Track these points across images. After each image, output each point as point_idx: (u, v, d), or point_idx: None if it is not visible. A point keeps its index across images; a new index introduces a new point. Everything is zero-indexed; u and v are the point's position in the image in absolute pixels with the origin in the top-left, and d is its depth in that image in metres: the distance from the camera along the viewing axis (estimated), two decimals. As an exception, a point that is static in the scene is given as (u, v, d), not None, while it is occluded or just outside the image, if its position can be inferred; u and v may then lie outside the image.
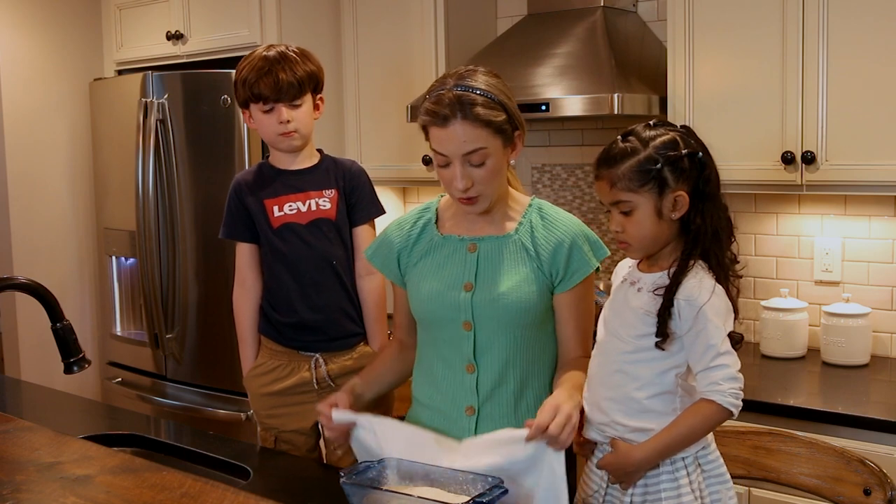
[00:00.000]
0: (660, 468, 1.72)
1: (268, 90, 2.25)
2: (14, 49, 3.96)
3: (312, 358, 2.34)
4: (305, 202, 2.33)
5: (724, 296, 1.69)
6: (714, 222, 1.69)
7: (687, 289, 1.66)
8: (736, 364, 1.67)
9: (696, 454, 1.72)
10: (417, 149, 3.42)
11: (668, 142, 1.68)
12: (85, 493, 1.54)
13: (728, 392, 1.66)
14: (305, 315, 2.33)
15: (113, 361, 4.04)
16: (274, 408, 2.36)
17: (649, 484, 1.73)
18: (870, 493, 1.77)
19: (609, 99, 2.71)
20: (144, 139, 3.65)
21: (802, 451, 1.89)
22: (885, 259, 2.81)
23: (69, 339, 1.94)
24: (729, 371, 1.66)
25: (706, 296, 1.66)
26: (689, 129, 1.75)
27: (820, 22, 2.52)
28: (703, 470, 1.73)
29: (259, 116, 2.30)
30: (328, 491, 1.95)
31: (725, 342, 1.67)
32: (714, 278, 1.69)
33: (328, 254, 2.33)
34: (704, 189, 1.69)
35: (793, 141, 2.59)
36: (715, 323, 1.65)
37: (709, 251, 1.69)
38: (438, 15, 3.34)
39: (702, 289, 1.66)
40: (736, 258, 1.73)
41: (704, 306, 1.65)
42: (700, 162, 1.68)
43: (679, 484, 1.70)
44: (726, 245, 1.72)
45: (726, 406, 1.66)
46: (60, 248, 4.14)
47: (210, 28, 3.67)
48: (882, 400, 2.47)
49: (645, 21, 3.22)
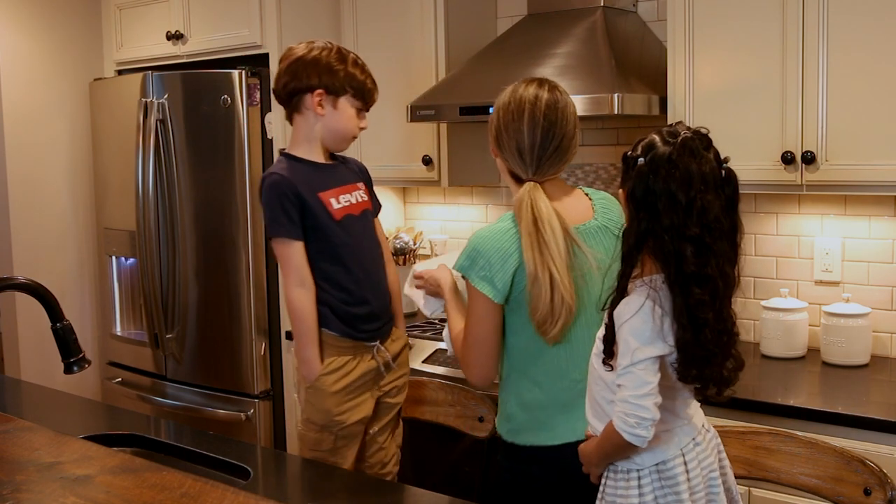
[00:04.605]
0: (619, 474, 1.76)
1: (373, 101, 2.41)
2: (14, 49, 3.96)
3: (374, 346, 2.38)
4: (352, 193, 2.40)
5: (648, 316, 1.64)
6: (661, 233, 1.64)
7: (619, 307, 1.69)
8: (636, 388, 1.64)
9: (655, 466, 1.73)
10: (417, 149, 3.42)
11: (638, 141, 1.71)
12: (85, 493, 1.54)
13: (618, 413, 1.66)
14: (375, 304, 2.38)
15: (113, 361, 4.05)
16: (344, 402, 2.33)
17: (612, 487, 1.76)
18: (870, 493, 1.77)
19: (609, 99, 2.71)
20: (144, 139, 3.65)
21: (802, 451, 1.89)
22: (885, 259, 2.81)
23: (69, 339, 1.94)
24: (623, 393, 1.66)
25: (626, 315, 1.67)
26: (689, 138, 1.67)
27: (820, 23, 2.52)
28: (662, 483, 1.73)
29: (348, 112, 2.36)
30: (328, 491, 1.95)
31: (633, 365, 1.64)
32: (666, 295, 1.65)
33: (377, 242, 2.45)
34: (640, 196, 1.65)
35: (793, 141, 2.59)
36: (628, 342, 1.65)
37: (667, 265, 1.65)
38: (438, 15, 3.34)
39: (626, 308, 1.67)
40: (700, 274, 1.63)
41: (623, 325, 1.66)
42: (638, 170, 1.66)
43: (629, 493, 1.73)
44: (694, 261, 1.63)
45: (616, 427, 1.66)
46: (60, 248, 4.14)
47: (210, 28, 3.67)
48: (882, 400, 2.47)
49: (645, 21, 3.22)
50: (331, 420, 2.31)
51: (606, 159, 3.36)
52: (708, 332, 1.64)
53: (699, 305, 1.63)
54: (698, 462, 1.75)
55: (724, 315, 1.68)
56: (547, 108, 1.96)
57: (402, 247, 3.65)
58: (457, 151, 3.40)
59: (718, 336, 1.66)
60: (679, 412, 1.75)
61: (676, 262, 1.63)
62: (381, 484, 2.15)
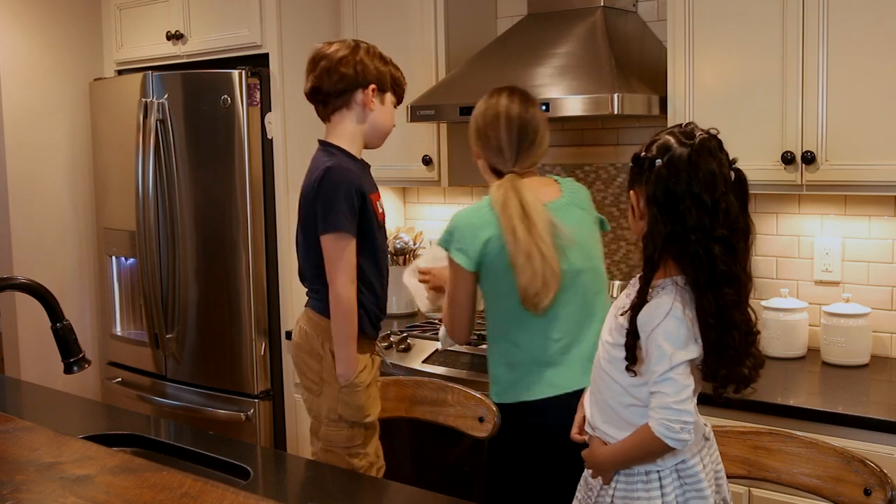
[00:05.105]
0: (635, 476, 1.74)
1: (403, 98, 2.54)
2: (14, 49, 3.96)
3: (374, 343, 2.45)
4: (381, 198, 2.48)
5: (681, 319, 1.64)
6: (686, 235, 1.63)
7: (645, 312, 1.66)
8: (676, 394, 1.63)
9: (675, 466, 1.73)
10: (417, 149, 3.42)
11: (651, 142, 1.70)
12: (85, 493, 1.54)
13: (660, 420, 1.64)
14: (388, 304, 2.52)
15: (113, 361, 4.05)
16: (371, 397, 2.38)
17: (628, 490, 1.75)
18: (870, 493, 1.77)
19: (609, 99, 2.70)
20: (144, 139, 3.65)
21: (802, 451, 1.89)
22: (885, 259, 2.81)
23: (69, 339, 1.94)
24: (663, 400, 1.64)
25: (657, 319, 1.64)
26: (706, 139, 1.67)
27: (820, 23, 2.52)
28: (683, 482, 1.73)
29: (390, 108, 2.48)
30: (328, 491, 1.95)
31: (671, 370, 1.63)
32: (689, 297, 1.64)
33: None
34: (661, 199, 1.64)
35: (793, 141, 2.59)
36: (663, 348, 1.63)
37: (694, 267, 1.64)
38: (438, 15, 3.34)
39: (655, 312, 1.65)
40: (731, 274, 1.64)
41: (655, 330, 1.64)
42: (657, 172, 1.65)
43: (651, 495, 1.73)
44: (724, 260, 1.63)
45: (657, 434, 1.65)
46: (60, 248, 4.14)
47: (210, 28, 3.66)
48: (882, 400, 2.47)
49: (645, 21, 3.22)
50: (364, 415, 2.34)
51: (606, 159, 3.36)
52: (736, 334, 1.64)
53: (730, 306, 1.63)
54: (710, 459, 1.76)
55: (748, 315, 1.68)
56: (518, 112, 2.30)
57: (402, 247, 3.65)
58: (457, 151, 3.40)
59: (745, 336, 1.66)
60: (696, 412, 1.75)
61: (707, 263, 1.62)
62: (381, 484, 2.15)
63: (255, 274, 3.48)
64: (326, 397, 2.35)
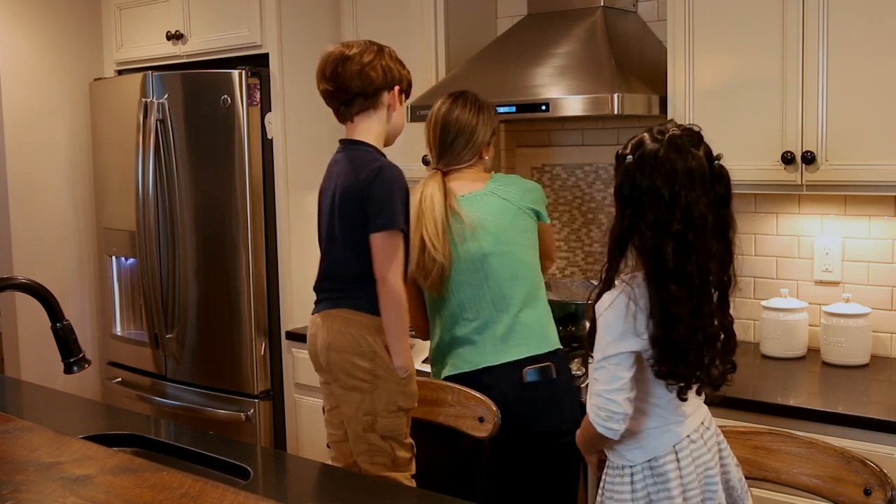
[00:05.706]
0: (614, 469, 1.80)
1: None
2: (14, 49, 3.96)
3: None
4: None
5: (620, 312, 1.66)
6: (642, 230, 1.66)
7: (597, 303, 1.72)
8: (607, 383, 1.68)
9: (648, 463, 1.75)
10: (417, 149, 3.41)
11: (629, 139, 1.74)
12: (85, 493, 1.54)
13: (591, 407, 1.71)
14: None
15: (113, 361, 4.05)
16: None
17: (610, 482, 1.80)
18: (870, 493, 1.77)
19: (609, 99, 2.70)
20: (144, 139, 3.65)
21: (802, 451, 1.89)
22: (885, 259, 2.81)
23: (69, 339, 1.94)
24: (595, 387, 1.70)
25: (601, 310, 1.70)
26: (676, 136, 1.69)
27: (820, 23, 2.52)
28: (655, 480, 1.75)
29: (403, 109, 2.51)
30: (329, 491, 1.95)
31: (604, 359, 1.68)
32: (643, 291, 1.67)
33: None
34: (626, 193, 1.69)
35: (793, 141, 2.59)
36: (600, 338, 1.70)
37: (646, 261, 1.66)
38: (438, 15, 3.34)
39: (600, 303, 1.71)
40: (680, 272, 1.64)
41: (598, 320, 1.70)
42: (625, 167, 1.69)
43: (623, 489, 1.77)
44: (674, 258, 1.64)
45: (591, 421, 1.72)
46: (60, 248, 4.14)
47: (210, 28, 3.66)
48: (882, 400, 2.47)
49: (645, 21, 3.22)
50: (416, 400, 2.36)
51: (606, 159, 3.35)
52: (681, 329, 1.65)
53: (673, 301, 1.64)
54: (692, 459, 1.75)
55: (702, 312, 1.67)
56: (444, 113, 2.54)
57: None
58: (457, 151, 3.40)
59: (692, 333, 1.66)
60: (672, 409, 1.75)
61: (656, 259, 1.65)
62: (381, 484, 2.15)
63: (255, 274, 3.48)
64: (383, 391, 2.30)
